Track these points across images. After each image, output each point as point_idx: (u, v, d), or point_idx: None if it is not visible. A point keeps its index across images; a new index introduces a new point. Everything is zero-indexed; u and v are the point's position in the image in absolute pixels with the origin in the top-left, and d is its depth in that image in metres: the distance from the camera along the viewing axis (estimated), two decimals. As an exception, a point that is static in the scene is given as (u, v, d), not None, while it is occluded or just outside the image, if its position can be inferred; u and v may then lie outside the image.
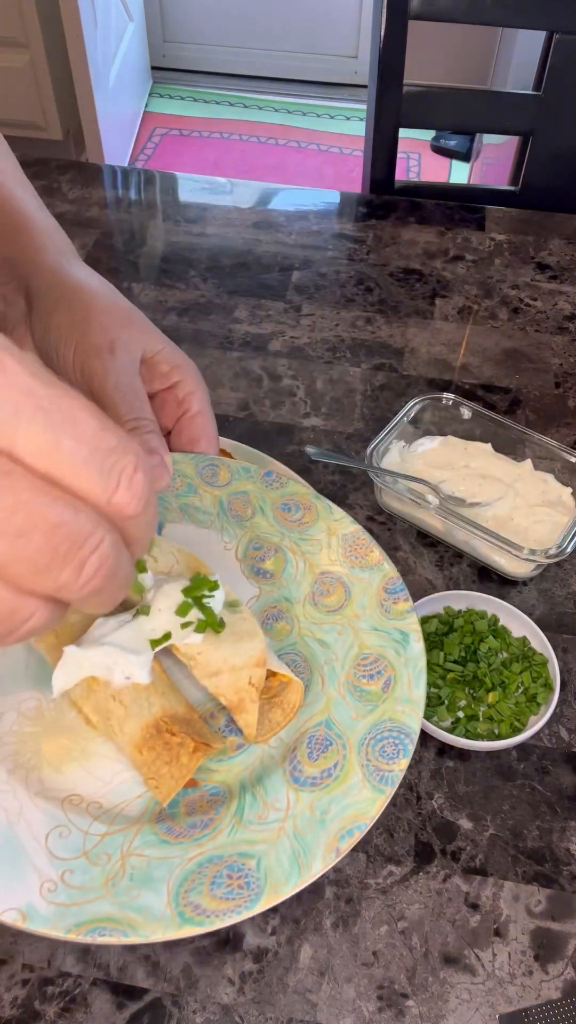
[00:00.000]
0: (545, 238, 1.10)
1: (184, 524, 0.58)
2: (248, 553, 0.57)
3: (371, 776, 0.44)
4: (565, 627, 0.72)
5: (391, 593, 0.53)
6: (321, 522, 0.57)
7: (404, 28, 1.16)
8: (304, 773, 0.45)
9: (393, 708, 0.48)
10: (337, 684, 0.49)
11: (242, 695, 0.47)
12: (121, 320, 0.56)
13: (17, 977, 0.54)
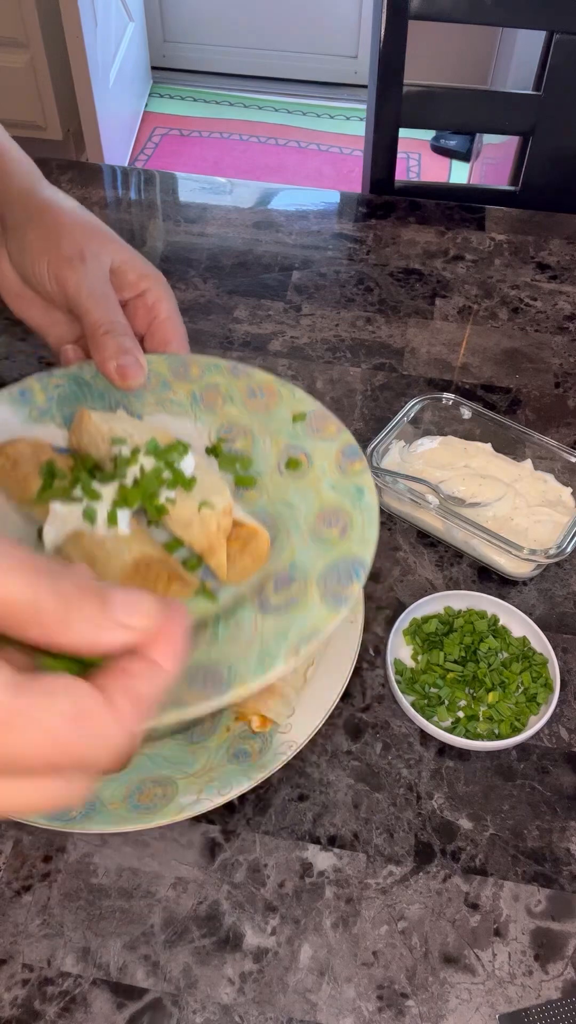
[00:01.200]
0: (545, 238, 1.10)
1: (160, 415, 0.63)
2: (219, 435, 0.63)
3: (328, 599, 0.50)
4: (565, 627, 0.72)
5: (348, 456, 0.59)
6: (284, 404, 0.63)
7: (404, 28, 1.16)
8: (271, 603, 0.51)
9: (349, 547, 0.53)
10: (301, 535, 0.56)
11: (211, 540, 0.53)
12: (89, 232, 0.60)
13: (17, 977, 0.54)
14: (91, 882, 0.58)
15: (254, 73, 3.47)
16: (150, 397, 0.63)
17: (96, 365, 0.60)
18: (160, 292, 0.63)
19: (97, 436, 0.57)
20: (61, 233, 0.59)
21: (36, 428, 0.61)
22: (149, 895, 0.57)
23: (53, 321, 0.65)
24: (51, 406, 0.62)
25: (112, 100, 2.85)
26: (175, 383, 0.64)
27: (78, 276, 0.59)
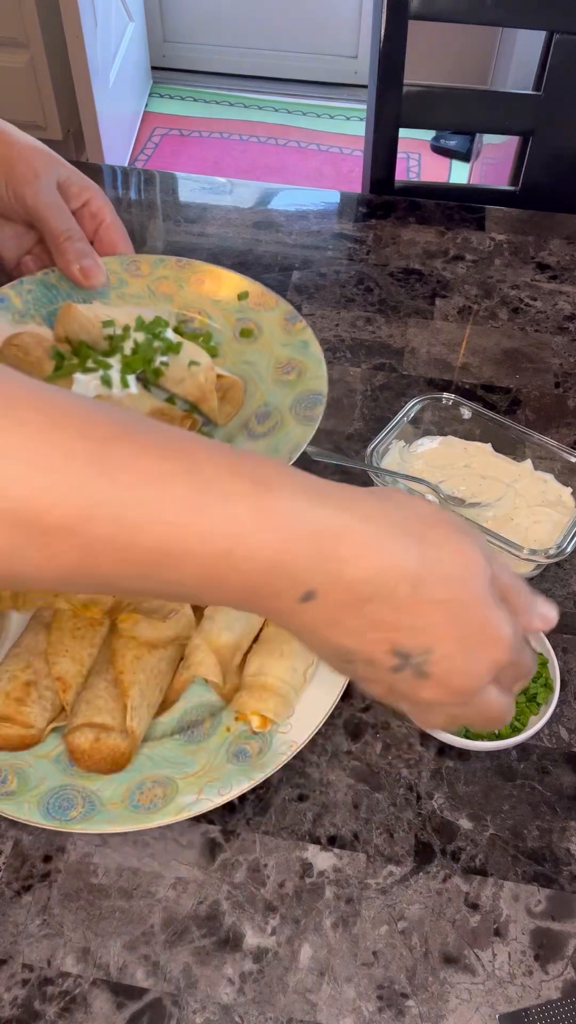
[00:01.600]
0: (545, 238, 1.10)
1: (125, 308, 0.73)
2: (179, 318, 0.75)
3: (301, 420, 0.66)
4: (565, 627, 0.72)
5: (290, 320, 0.73)
6: (226, 286, 0.76)
7: (404, 28, 1.16)
8: (258, 431, 0.66)
9: (307, 384, 0.68)
10: (267, 382, 0.70)
11: (203, 390, 0.67)
12: (37, 152, 0.68)
13: (17, 977, 0.54)
14: (91, 882, 0.58)
15: (254, 73, 3.47)
16: (111, 293, 0.74)
17: (60, 269, 0.69)
18: (101, 201, 0.72)
19: (87, 322, 0.67)
20: (13, 155, 0.67)
21: (21, 327, 0.71)
22: (149, 895, 0.57)
23: (6, 236, 0.72)
24: (28, 308, 0.72)
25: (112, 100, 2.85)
26: (130, 279, 0.75)
27: (34, 190, 0.67)
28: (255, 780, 0.59)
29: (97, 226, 0.72)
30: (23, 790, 0.57)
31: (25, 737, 0.59)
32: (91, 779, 0.58)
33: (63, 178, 0.70)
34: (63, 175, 0.70)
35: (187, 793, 0.58)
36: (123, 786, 0.58)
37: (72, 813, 0.57)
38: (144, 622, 0.61)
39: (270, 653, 0.63)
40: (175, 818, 0.57)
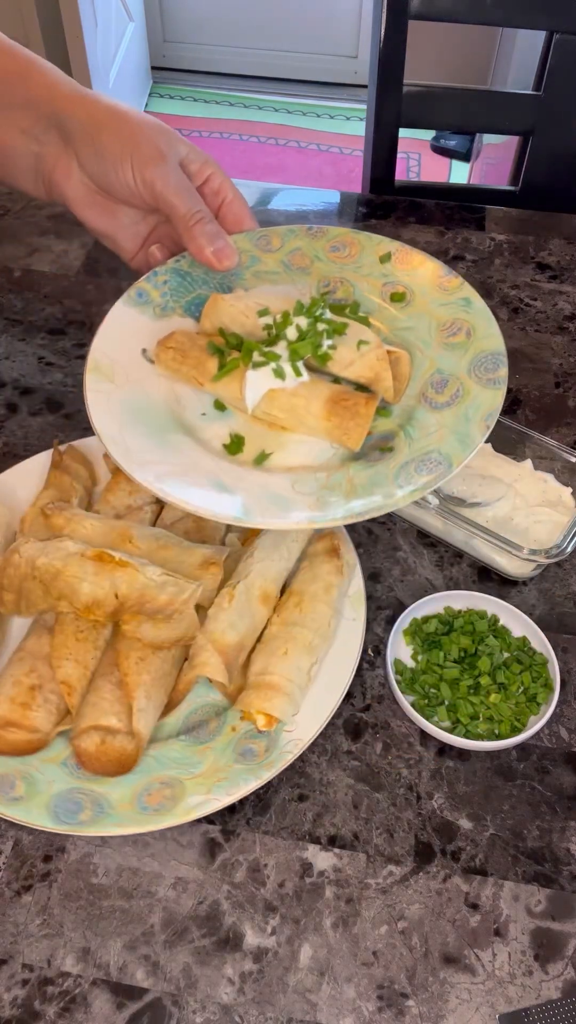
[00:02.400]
0: (545, 238, 1.10)
1: (262, 287, 0.71)
2: (320, 290, 0.70)
3: (487, 384, 0.61)
4: (565, 627, 0.72)
5: (444, 277, 0.68)
6: (367, 251, 0.71)
7: (404, 28, 1.16)
8: (439, 402, 0.62)
9: (480, 344, 0.63)
10: (433, 347, 0.65)
11: (375, 370, 0.62)
12: (160, 131, 0.65)
13: (17, 977, 0.54)
14: (91, 882, 0.58)
15: (254, 73, 3.47)
16: (247, 273, 0.71)
17: (192, 254, 0.65)
18: (221, 177, 0.68)
19: (238, 314, 0.65)
20: (136, 135, 0.63)
21: (163, 322, 0.68)
22: (149, 895, 0.57)
23: (123, 224, 0.69)
24: (167, 300, 0.69)
25: (112, 100, 2.85)
26: (263, 256, 0.71)
27: (163, 173, 0.63)
28: (263, 779, 0.59)
29: (220, 203, 0.68)
30: (31, 795, 0.57)
31: (32, 741, 0.59)
32: (99, 782, 0.58)
33: (183, 155, 0.66)
34: (183, 152, 0.66)
35: (195, 794, 0.58)
36: (131, 788, 0.58)
37: (81, 816, 0.57)
38: (147, 623, 0.61)
39: (274, 652, 0.63)
40: (184, 819, 0.57)
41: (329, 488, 0.58)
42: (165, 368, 0.65)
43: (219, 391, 0.64)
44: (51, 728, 0.60)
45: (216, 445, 0.63)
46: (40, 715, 0.59)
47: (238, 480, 0.59)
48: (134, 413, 0.62)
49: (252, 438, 0.63)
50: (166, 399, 0.64)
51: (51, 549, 0.62)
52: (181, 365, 0.64)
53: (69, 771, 0.59)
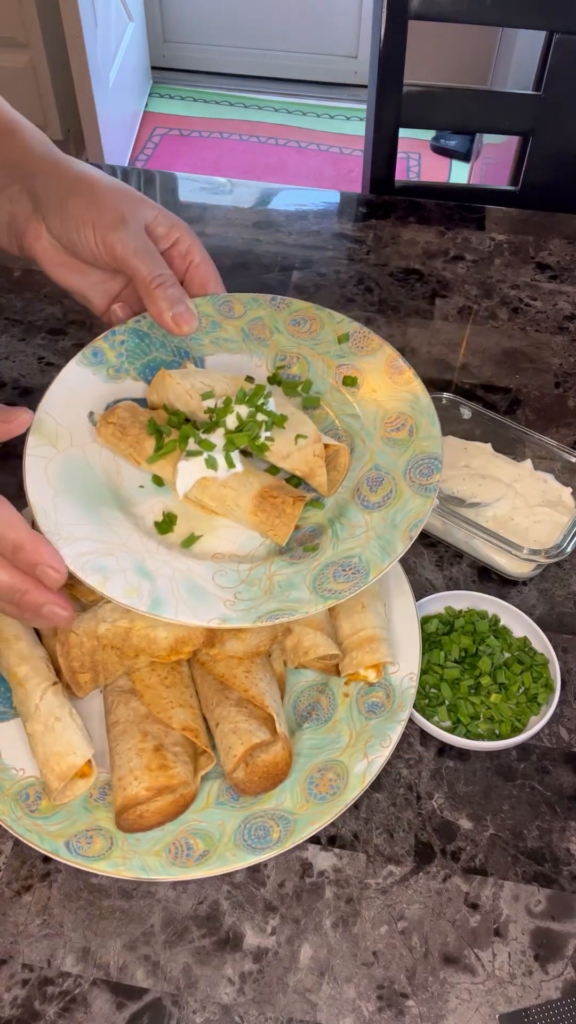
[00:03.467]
0: (545, 238, 1.10)
1: (219, 355, 0.71)
2: (276, 364, 0.71)
3: (418, 490, 0.61)
4: (565, 627, 0.72)
5: (395, 368, 0.67)
6: (327, 327, 0.71)
7: (404, 28, 1.16)
8: (371, 501, 0.62)
9: (420, 445, 0.63)
10: (374, 441, 0.65)
11: (311, 465, 0.63)
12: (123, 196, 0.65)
13: (17, 977, 0.54)
14: (91, 882, 0.58)
15: (254, 73, 3.47)
16: (205, 339, 0.71)
17: (152, 317, 0.66)
18: (190, 239, 0.68)
19: (183, 393, 0.65)
20: (100, 200, 0.64)
21: (115, 384, 0.68)
22: (149, 895, 0.57)
23: (92, 283, 0.70)
24: (123, 362, 0.69)
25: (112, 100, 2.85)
26: (224, 322, 0.72)
27: (123, 237, 0.64)
28: (404, 720, 0.61)
29: (187, 266, 0.69)
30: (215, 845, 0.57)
31: (186, 796, 0.58)
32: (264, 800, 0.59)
33: (150, 219, 0.67)
34: (150, 216, 0.67)
35: (357, 762, 0.60)
36: (299, 788, 0.59)
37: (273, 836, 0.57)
38: (232, 640, 0.61)
39: (352, 611, 0.65)
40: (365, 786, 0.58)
41: (248, 584, 0.58)
42: (105, 442, 0.64)
43: (155, 470, 0.64)
44: (194, 776, 0.59)
45: (148, 522, 0.62)
46: (180, 768, 0.58)
47: (162, 565, 0.59)
48: (71, 482, 0.62)
49: (184, 518, 0.63)
50: (106, 468, 0.64)
51: (104, 613, 0.60)
52: (120, 441, 0.64)
53: (233, 804, 0.59)
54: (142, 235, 0.65)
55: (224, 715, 0.60)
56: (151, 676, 0.61)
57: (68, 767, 0.57)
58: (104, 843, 0.56)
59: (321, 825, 0.57)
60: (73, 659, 0.60)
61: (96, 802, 0.59)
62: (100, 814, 0.58)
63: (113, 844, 0.56)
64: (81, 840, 0.56)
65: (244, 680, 0.60)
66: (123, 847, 0.56)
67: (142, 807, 0.56)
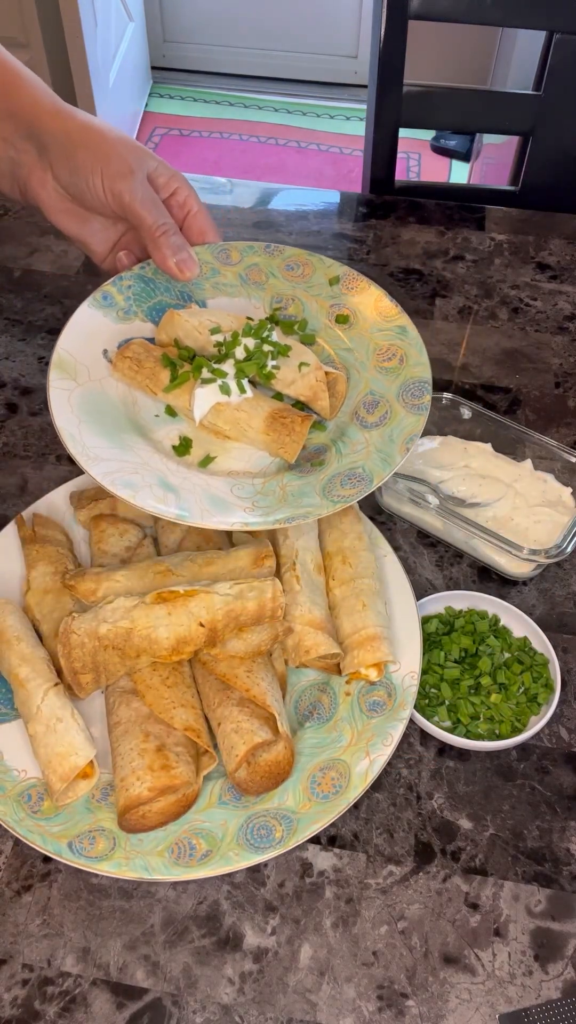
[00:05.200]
0: (545, 238, 1.10)
1: (219, 298, 0.76)
2: (272, 306, 0.76)
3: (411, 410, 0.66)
4: (565, 627, 0.72)
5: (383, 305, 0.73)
6: (318, 271, 0.77)
7: (404, 28, 1.16)
8: (369, 421, 0.67)
9: (411, 371, 0.69)
10: (368, 370, 0.71)
11: (314, 390, 0.68)
12: (130, 147, 0.69)
13: (17, 977, 0.54)
14: (91, 882, 0.58)
15: (254, 73, 3.47)
16: (206, 284, 0.76)
17: (156, 263, 0.71)
18: (188, 190, 0.72)
19: (192, 329, 0.70)
20: (108, 150, 0.67)
21: (125, 325, 0.73)
22: (149, 895, 0.57)
23: (93, 230, 0.73)
24: (131, 304, 0.73)
25: (112, 100, 2.85)
26: (222, 268, 0.77)
27: (131, 186, 0.67)
28: (406, 719, 0.61)
29: (185, 215, 0.73)
30: (218, 846, 0.57)
31: (188, 796, 0.58)
32: (266, 799, 0.59)
33: (152, 169, 0.70)
34: (152, 166, 0.70)
35: (358, 761, 0.60)
36: (300, 787, 0.59)
37: (275, 835, 0.57)
38: (233, 639, 0.61)
39: (353, 610, 0.65)
40: (366, 785, 0.59)
41: (263, 494, 0.63)
42: (122, 376, 0.69)
43: (170, 400, 0.69)
44: (197, 775, 0.59)
45: (166, 446, 0.67)
46: (182, 768, 0.58)
47: (183, 480, 0.64)
48: (92, 411, 0.66)
49: (199, 442, 0.68)
50: (123, 399, 0.69)
51: (106, 614, 0.60)
52: (136, 374, 0.68)
53: (235, 803, 0.59)
54: (147, 185, 0.69)
55: (226, 715, 0.60)
56: (152, 676, 0.61)
57: (70, 768, 0.57)
58: (107, 844, 0.56)
59: (323, 824, 0.57)
60: (74, 660, 0.60)
61: (98, 803, 0.59)
62: (102, 815, 0.58)
63: (116, 844, 0.56)
64: (84, 841, 0.57)
65: (246, 679, 0.60)
66: (126, 847, 0.56)
67: (144, 807, 0.56)
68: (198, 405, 0.66)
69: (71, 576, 0.65)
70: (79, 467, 0.62)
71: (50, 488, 0.78)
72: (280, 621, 0.62)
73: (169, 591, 0.60)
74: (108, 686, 0.63)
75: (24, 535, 0.72)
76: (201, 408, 0.66)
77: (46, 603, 0.67)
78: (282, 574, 0.67)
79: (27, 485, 0.81)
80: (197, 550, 0.70)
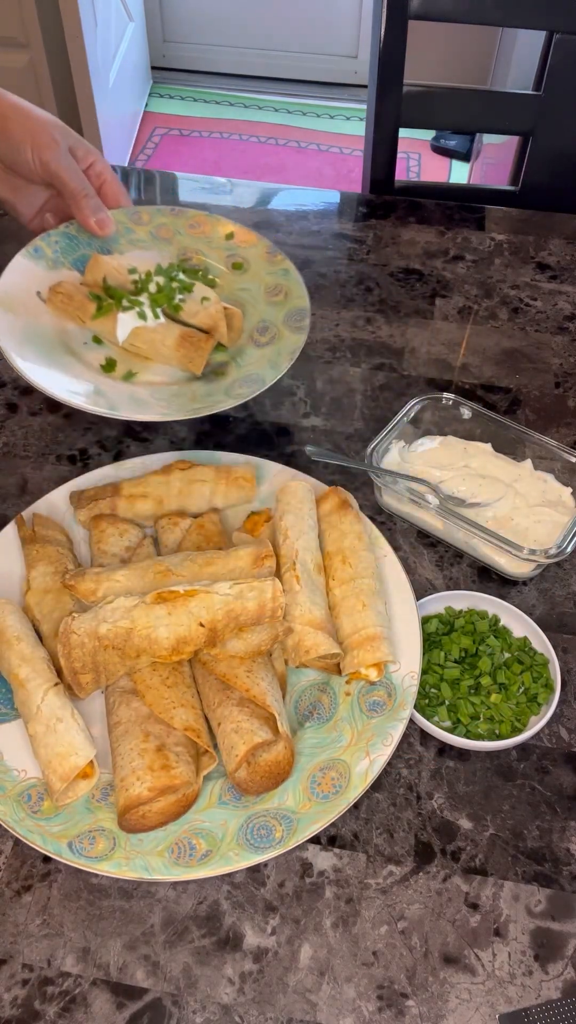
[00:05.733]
0: (545, 238, 1.10)
1: (133, 251, 0.89)
2: (179, 258, 0.90)
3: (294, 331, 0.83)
4: (565, 627, 0.72)
5: (271, 252, 0.89)
6: (217, 228, 0.92)
7: (404, 28, 1.16)
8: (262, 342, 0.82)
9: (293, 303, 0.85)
10: (260, 304, 0.86)
11: (215, 319, 0.82)
12: (54, 125, 0.81)
13: (17, 977, 0.54)
14: (91, 882, 0.58)
15: (254, 73, 3.47)
16: (122, 240, 0.89)
17: (79, 222, 0.84)
18: (102, 163, 0.85)
19: (112, 270, 0.83)
20: (35, 125, 0.80)
21: (54, 272, 0.85)
22: (149, 895, 0.57)
23: (22, 196, 0.85)
24: (58, 256, 0.86)
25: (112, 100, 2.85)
26: (135, 227, 0.90)
27: (56, 157, 0.80)
28: (405, 719, 0.61)
29: (101, 184, 0.85)
30: (219, 845, 0.57)
31: (188, 796, 0.58)
32: (266, 799, 0.59)
33: (72, 144, 0.82)
34: (72, 141, 0.82)
35: (358, 761, 0.60)
36: (301, 786, 0.59)
37: (276, 835, 0.57)
38: (233, 639, 0.61)
39: (353, 610, 0.65)
40: (366, 784, 0.59)
41: (177, 396, 0.78)
42: (54, 309, 0.82)
43: (96, 327, 0.82)
44: (197, 775, 0.59)
45: (95, 365, 0.80)
46: (182, 768, 0.57)
47: (111, 388, 0.78)
48: (32, 337, 0.79)
49: (122, 362, 0.81)
50: (56, 329, 0.82)
51: (105, 614, 0.60)
52: (67, 306, 0.82)
53: (235, 803, 0.59)
54: (68, 156, 0.81)
55: (226, 715, 0.60)
56: (152, 676, 0.61)
57: (70, 768, 0.57)
58: (107, 844, 0.56)
59: (323, 824, 0.57)
60: (74, 660, 0.60)
61: (98, 803, 0.59)
62: (102, 815, 0.58)
63: (116, 844, 0.56)
64: (84, 841, 0.57)
65: (246, 679, 0.60)
66: (126, 847, 0.56)
67: (144, 807, 0.56)
68: (121, 328, 0.79)
69: (71, 576, 0.65)
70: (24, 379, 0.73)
71: (50, 488, 0.78)
72: (280, 621, 0.62)
73: (169, 591, 0.60)
74: (108, 686, 0.63)
75: (24, 535, 0.72)
76: (124, 331, 0.80)
77: (46, 603, 0.67)
78: (282, 574, 0.67)
79: (27, 485, 0.81)
80: (197, 550, 0.70)
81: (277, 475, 0.78)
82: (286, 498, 0.72)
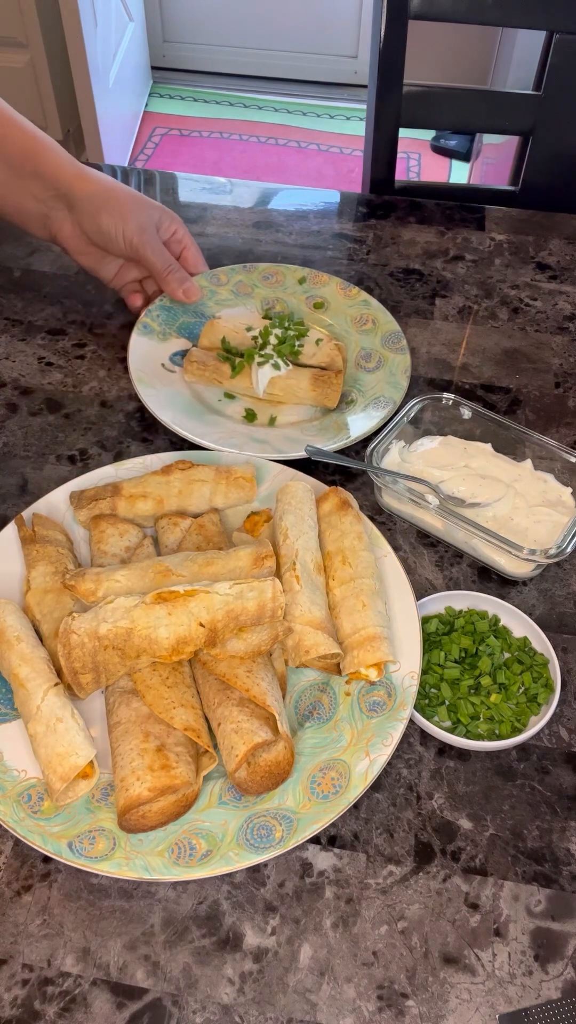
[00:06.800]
0: (545, 238, 1.10)
1: (223, 310, 0.97)
2: (264, 307, 0.98)
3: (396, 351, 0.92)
4: (565, 627, 0.72)
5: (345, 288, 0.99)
6: (288, 276, 1.01)
7: (404, 28, 1.16)
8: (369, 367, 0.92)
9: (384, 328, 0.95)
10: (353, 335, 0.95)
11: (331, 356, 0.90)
12: (143, 207, 0.89)
13: (17, 977, 0.54)
14: (91, 882, 0.58)
15: (254, 73, 3.47)
16: (210, 302, 0.98)
17: (169, 295, 0.94)
18: (183, 231, 0.94)
19: (231, 331, 0.91)
20: (126, 213, 0.88)
21: (167, 343, 0.93)
22: (149, 895, 0.57)
23: (104, 264, 0.93)
24: (164, 328, 0.94)
25: (112, 100, 2.85)
26: (217, 288, 0.99)
27: (144, 242, 0.89)
28: (406, 719, 0.61)
29: (182, 250, 0.95)
30: (219, 846, 0.57)
31: (188, 796, 0.58)
32: (266, 799, 0.59)
33: (156, 219, 0.90)
34: (156, 217, 0.90)
35: (359, 761, 0.60)
36: (300, 787, 0.59)
37: (276, 835, 0.57)
38: (233, 639, 0.61)
39: (353, 610, 0.65)
40: (367, 784, 0.59)
41: (324, 428, 0.85)
42: (192, 376, 0.89)
43: (233, 385, 0.89)
44: (197, 775, 0.59)
45: (237, 418, 0.87)
46: (182, 768, 0.57)
47: (264, 434, 0.85)
48: (177, 406, 0.86)
49: (259, 410, 0.88)
50: (191, 393, 0.89)
51: (106, 614, 0.60)
52: (204, 372, 0.89)
53: (235, 803, 0.59)
54: (155, 236, 0.90)
55: (226, 715, 0.60)
56: (152, 676, 0.61)
57: (70, 768, 0.57)
58: (107, 844, 0.56)
59: (323, 824, 0.57)
60: (74, 660, 0.60)
61: (98, 803, 0.59)
62: (102, 815, 0.58)
63: (116, 845, 0.56)
64: (84, 841, 0.57)
65: (246, 679, 0.60)
66: (126, 848, 0.56)
67: (144, 807, 0.56)
68: (260, 381, 0.87)
69: (71, 576, 0.65)
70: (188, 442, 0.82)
71: (50, 488, 0.78)
72: (280, 621, 0.62)
73: (169, 591, 0.60)
74: (108, 686, 0.63)
75: (24, 535, 0.72)
76: (262, 382, 0.87)
77: (46, 603, 0.67)
78: (282, 574, 0.67)
79: (27, 485, 0.82)
80: (197, 550, 0.70)
81: (277, 475, 0.78)
82: (286, 498, 0.72)
